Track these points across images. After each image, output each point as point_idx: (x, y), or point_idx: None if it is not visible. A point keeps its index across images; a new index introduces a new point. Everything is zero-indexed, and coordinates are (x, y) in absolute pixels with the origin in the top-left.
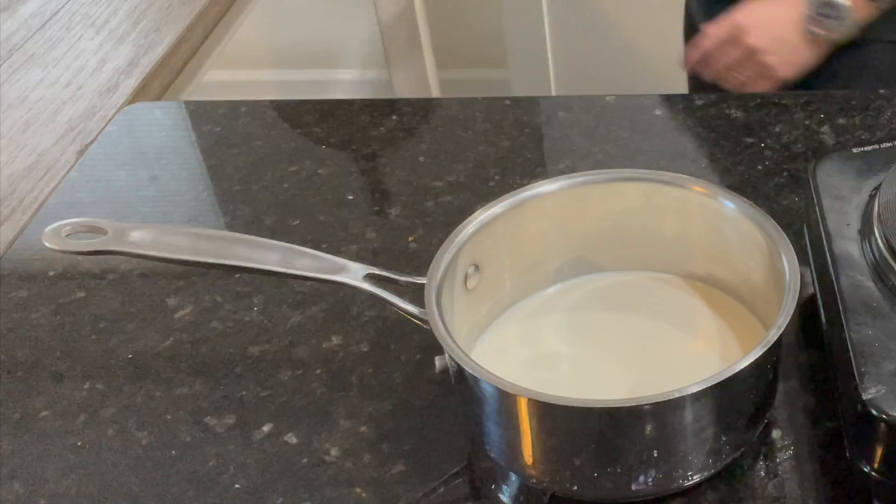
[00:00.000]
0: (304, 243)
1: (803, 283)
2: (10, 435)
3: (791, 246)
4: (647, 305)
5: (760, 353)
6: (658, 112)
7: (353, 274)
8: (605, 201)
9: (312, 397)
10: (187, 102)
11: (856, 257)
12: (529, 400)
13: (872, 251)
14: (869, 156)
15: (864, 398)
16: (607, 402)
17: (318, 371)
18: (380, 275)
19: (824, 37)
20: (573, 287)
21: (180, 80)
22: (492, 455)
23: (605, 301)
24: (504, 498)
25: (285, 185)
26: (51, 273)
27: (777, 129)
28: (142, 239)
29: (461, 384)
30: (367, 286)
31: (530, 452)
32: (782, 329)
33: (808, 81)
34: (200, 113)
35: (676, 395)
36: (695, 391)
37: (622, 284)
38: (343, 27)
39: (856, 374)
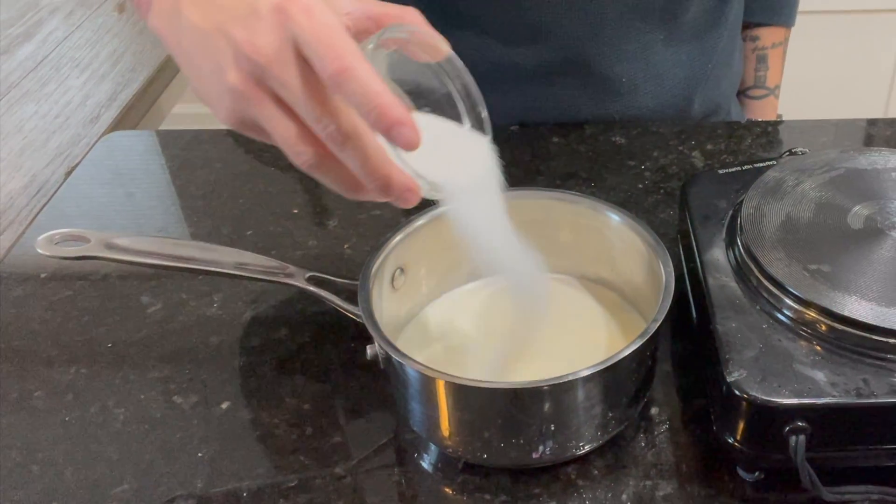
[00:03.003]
0: (256, 250)
1: (677, 284)
2: (8, 412)
3: (667, 252)
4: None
5: (640, 342)
6: (555, 139)
7: (298, 276)
8: (511, 215)
9: (263, 379)
10: (158, 131)
11: (721, 262)
12: (446, 382)
13: (736, 257)
14: (732, 176)
15: (728, 380)
16: (512, 384)
17: (268, 358)
18: (320, 277)
19: None
20: (484, 286)
21: (152, 113)
22: (414, 428)
23: (510, 297)
24: (425, 465)
25: (240, 201)
26: (43, 275)
27: (655, 154)
28: (119, 246)
29: (389, 369)
30: (309, 286)
31: (447, 426)
32: (659, 322)
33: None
34: (169, 140)
35: (570, 378)
36: (585, 375)
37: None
38: None
39: (721, 360)
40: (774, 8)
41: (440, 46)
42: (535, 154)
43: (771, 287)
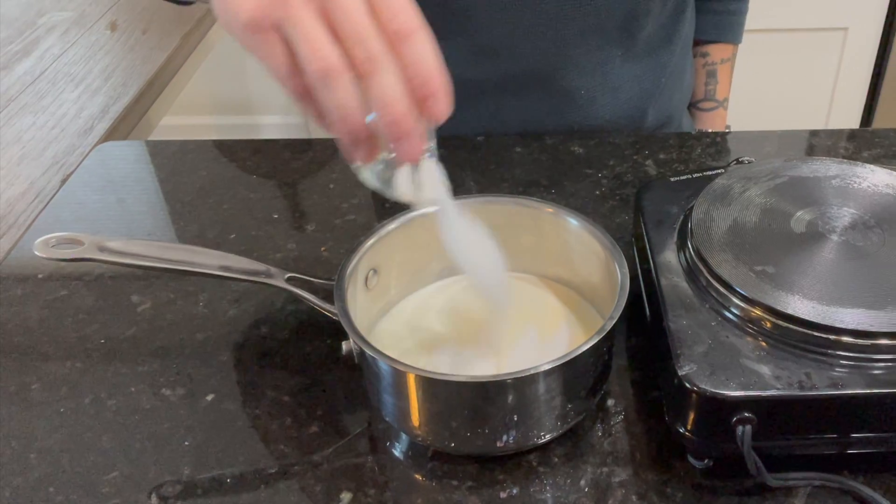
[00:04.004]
0: (239, 252)
1: (631, 284)
2: (8, 403)
3: (622, 254)
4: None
5: (598, 338)
6: (518, 149)
7: (278, 277)
8: (477, 218)
9: (246, 373)
10: (147, 142)
11: (673, 263)
12: (416, 376)
13: (686, 259)
14: (683, 184)
15: (679, 374)
16: (477, 378)
17: (250, 353)
18: (299, 277)
19: None
20: (451, 284)
21: (142, 124)
22: (387, 419)
23: (475, 295)
24: (396, 453)
25: (224, 207)
26: (40, 276)
27: (611, 163)
28: (111, 249)
29: (363, 363)
30: (289, 286)
31: (417, 417)
32: (615, 320)
33: None
34: (158, 150)
35: (532, 371)
36: (546, 368)
37: None
38: (269, 82)
39: (673, 355)
40: (723, 26)
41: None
42: (500, 163)
43: (719, 287)
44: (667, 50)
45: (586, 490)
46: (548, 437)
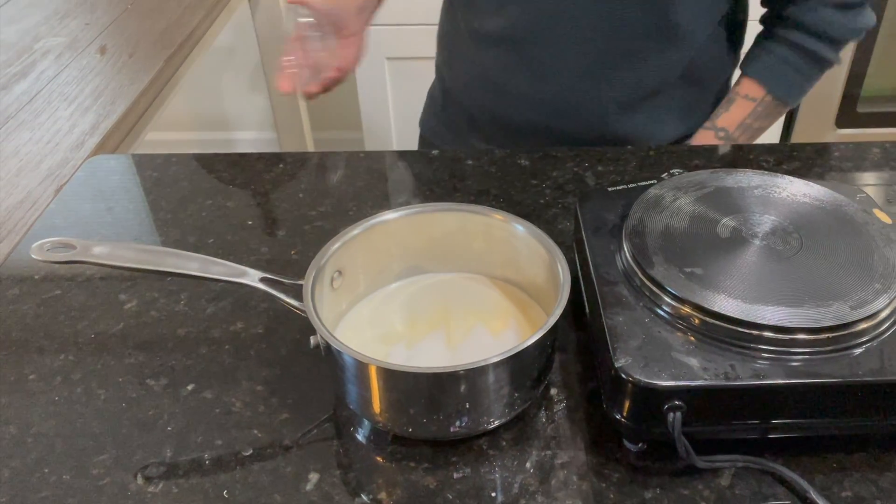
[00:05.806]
0: (216, 256)
1: (573, 284)
2: (7, 392)
3: (564, 258)
4: (462, 298)
5: (542, 333)
6: (469, 161)
7: (252, 277)
8: (432, 225)
9: (223, 365)
10: (134, 155)
11: (610, 266)
12: (377, 368)
13: (622, 261)
14: (619, 193)
15: (616, 366)
16: (433, 369)
17: (226, 346)
18: (271, 278)
19: None
20: (409, 284)
21: (129, 139)
22: (350, 406)
23: (431, 294)
24: (359, 437)
25: (203, 214)
26: (36, 277)
27: (554, 174)
28: (101, 252)
29: (329, 356)
30: (262, 286)
31: (378, 404)
32: (557, 317)
33: None
34: (143, 162)
35: (482, 363)
36: (496, 361)
37: (444, 282)
38: (244, 100)
39: (610, 349)
40: (763, 67)
41: None
42: (453, 174)
43: (652, 287)
44: (623, 82)
45: (531, 471)
46: (496, 423)
